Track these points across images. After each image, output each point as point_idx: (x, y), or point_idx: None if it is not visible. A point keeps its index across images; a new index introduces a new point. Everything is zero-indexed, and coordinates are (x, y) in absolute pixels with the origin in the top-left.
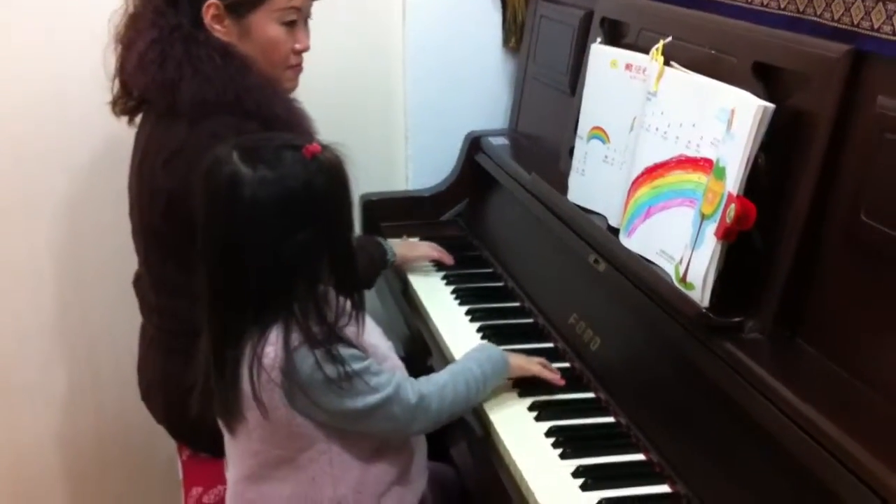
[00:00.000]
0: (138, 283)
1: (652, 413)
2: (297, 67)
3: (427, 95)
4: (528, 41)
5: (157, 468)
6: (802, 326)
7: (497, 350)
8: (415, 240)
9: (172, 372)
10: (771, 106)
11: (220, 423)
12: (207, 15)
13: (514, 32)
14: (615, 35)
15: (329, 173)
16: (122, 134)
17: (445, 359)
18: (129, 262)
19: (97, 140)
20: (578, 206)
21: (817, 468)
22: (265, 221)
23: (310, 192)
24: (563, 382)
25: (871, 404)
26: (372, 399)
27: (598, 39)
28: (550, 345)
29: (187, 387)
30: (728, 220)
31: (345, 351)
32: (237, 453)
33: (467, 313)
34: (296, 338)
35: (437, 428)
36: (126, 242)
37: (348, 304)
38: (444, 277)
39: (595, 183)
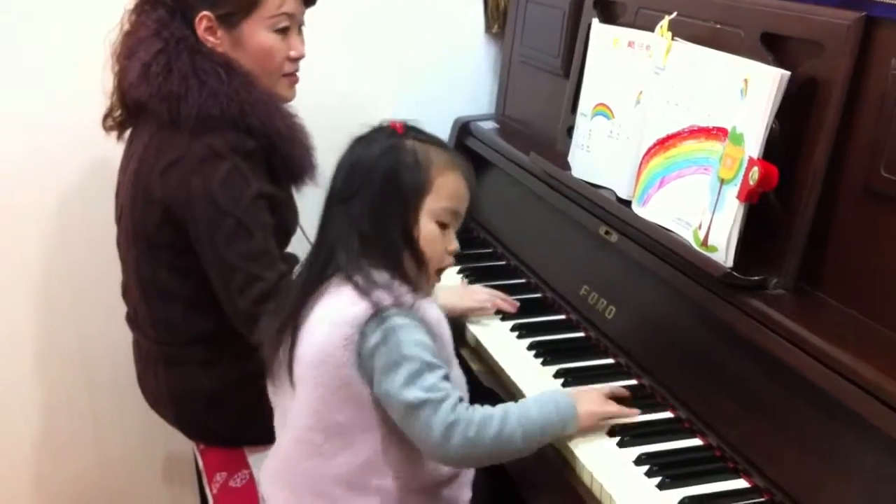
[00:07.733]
0: (127, 294)
1: (676, 372)
2: (293, 76)
3: (412, 87)
4: (513, 26)
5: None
6: (824, 281)
7: (565, 398)
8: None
9: (178, 386)
10: (787, 73)
11: (277, 378)
12: (200, 27)
13: (497, 18)
14: (609, 15)
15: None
16: (108, 148)
17: (465, 339)
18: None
19: (84, 154)
20: (584, 182)
21: (857, 408)
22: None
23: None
24: (638, 412)
25: None
26: (416, 394)
27: (594, 20)
28: (563, 316)
29: (197, 396)
30: (752, 183)
31: (420, 336)
32: (293, 415)
33: None
34: (382, 300)
35: (478, 465)
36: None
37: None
38: None
39: (601, 158)
